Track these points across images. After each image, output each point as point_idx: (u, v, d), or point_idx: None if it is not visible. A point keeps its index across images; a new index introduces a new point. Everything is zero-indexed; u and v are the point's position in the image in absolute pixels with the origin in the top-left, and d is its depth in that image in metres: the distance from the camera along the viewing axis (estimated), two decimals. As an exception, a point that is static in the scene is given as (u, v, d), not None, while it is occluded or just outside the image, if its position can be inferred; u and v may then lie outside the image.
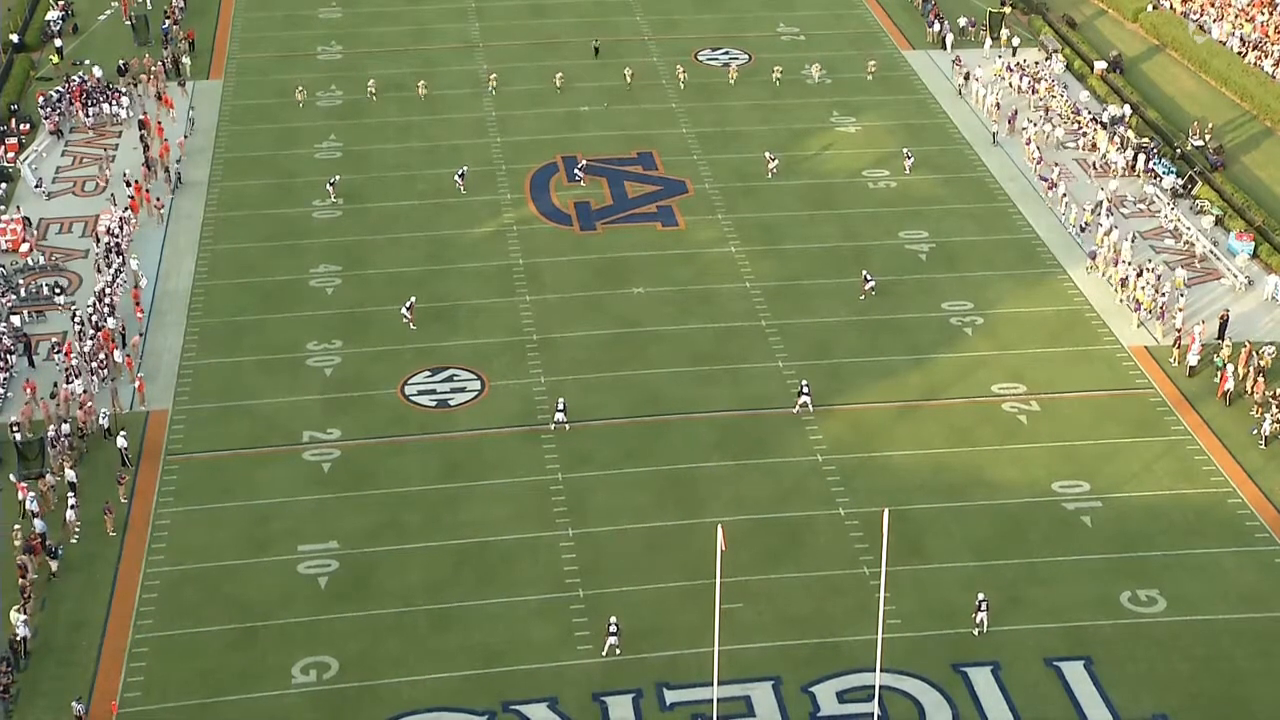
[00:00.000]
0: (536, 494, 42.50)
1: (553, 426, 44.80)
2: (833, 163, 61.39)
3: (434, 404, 46.74)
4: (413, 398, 46.99)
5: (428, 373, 48.14)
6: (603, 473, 43.37)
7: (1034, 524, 41.35)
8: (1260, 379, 46.60)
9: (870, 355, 49.03)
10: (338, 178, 58.68)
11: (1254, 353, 47.84)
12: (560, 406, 45.11)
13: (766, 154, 60.15)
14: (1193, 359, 48.01)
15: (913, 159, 60.23)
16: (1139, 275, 51.91)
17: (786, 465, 43.79)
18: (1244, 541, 40.73)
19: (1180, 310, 50.15)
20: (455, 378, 47.91)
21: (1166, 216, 57.55)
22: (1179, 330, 49.35)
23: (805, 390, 45.86)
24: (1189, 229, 56.21)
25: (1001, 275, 53.93)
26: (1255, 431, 44.92)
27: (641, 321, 50.94)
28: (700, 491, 42.56)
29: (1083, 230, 56.32)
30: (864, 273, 52.54)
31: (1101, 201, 57.59)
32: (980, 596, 37.53)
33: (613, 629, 36.58)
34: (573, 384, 47.31)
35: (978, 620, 37.23)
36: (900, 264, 54.38)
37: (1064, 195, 58.35)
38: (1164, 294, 51.29)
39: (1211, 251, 54.92)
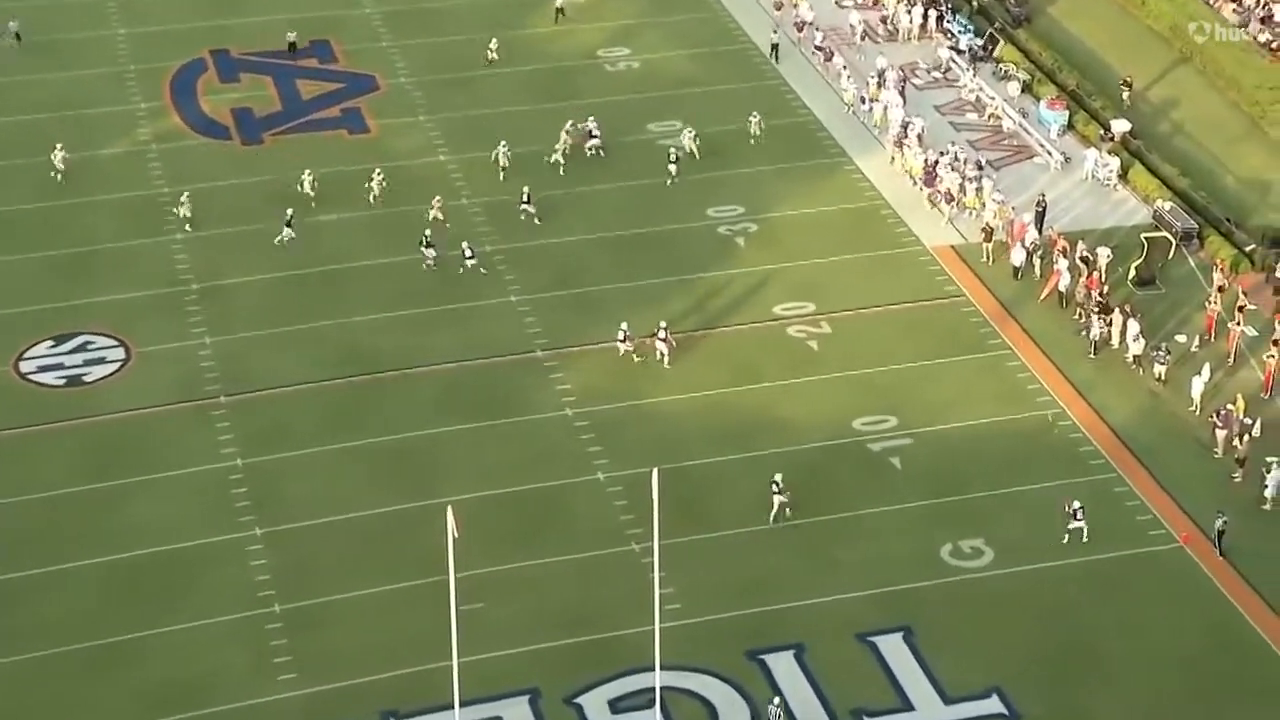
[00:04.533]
0: (212, 486, 41.77)
1: (659, 354, 45.48)
2: (560, 41, 61.49)
3: (63, 381, 45.44)
4: (32, 375, 45.63)
5: (50, 342, 46.78)
6: (296, 453, 42.91)
7: (834, 470, 42.67)
8: (1089, 274, 48.78)
9: (623, 280, 49.58)
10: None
11: (1075, 244, 50.18)
12: (662, 333, 45.53)
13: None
14: (1017, 258, 50.01)
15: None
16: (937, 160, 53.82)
17: (530, 424, 44.06)
18: (1077, 471, 42.93)
19: (994, 199, 52.01)
20: (89, 346, 46.67)
21: (967, 86, 59.83)
22: (989, 226, 51.24)
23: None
24: (993, 99, 58.58)
25: (776, 170, 55.21)
26: (1083, 334, 47.13)
27: (331, 257, 50.35)
28: (425, 466, 42.51)
29: (865, 104, 57.93)
30: (524, 188, 52.40)
31: (884, 71, 59.39)
32: (1076, 504, 40.06)
33: (777, 488, 40.07)
34: (246, 342, 46.57)
35: (1078, 529, 39.94)
36: (651, 164, 54.99)
37: (844, 67, 59.95)
38: (971, 179, 53.03)
39: (1021, 125, 57.41)
